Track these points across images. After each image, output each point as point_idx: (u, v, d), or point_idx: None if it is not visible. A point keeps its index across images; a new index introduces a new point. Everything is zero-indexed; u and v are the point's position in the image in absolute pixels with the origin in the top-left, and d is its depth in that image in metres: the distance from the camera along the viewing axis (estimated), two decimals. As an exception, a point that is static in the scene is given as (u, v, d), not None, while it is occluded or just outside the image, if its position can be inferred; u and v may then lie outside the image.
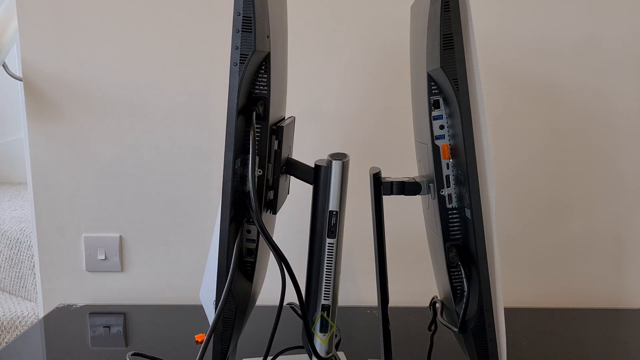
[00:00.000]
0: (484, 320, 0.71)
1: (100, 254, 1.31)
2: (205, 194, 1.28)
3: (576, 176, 1.29)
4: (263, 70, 0.74)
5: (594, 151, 1.28)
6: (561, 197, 1.29)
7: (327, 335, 0.87)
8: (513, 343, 0.75)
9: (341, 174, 0.82)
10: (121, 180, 1.29)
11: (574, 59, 1.25)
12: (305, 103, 1.25)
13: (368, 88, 1.26)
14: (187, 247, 1.32)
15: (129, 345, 1.10)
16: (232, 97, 0.69)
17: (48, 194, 1.30)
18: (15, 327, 1.70)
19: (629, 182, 1.29)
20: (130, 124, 1.27)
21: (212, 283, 0.75)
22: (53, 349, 1.11)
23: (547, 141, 1.27)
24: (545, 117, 1.27)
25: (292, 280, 0.76)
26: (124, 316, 1.26)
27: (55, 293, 1.33)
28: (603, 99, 1.26)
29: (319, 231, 0.84)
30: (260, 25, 0.69)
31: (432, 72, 0.73)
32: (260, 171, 0.76)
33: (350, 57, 1.25)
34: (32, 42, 1.24)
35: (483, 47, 1.21)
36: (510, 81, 1.25)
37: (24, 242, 1.88)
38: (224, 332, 0.75)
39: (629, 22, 1.24)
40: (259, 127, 0.75)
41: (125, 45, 1.25)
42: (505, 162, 1.27)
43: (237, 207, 0.73)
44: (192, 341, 1.07)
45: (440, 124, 0.74)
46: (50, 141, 1.28)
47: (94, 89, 1.26)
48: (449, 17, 0.67)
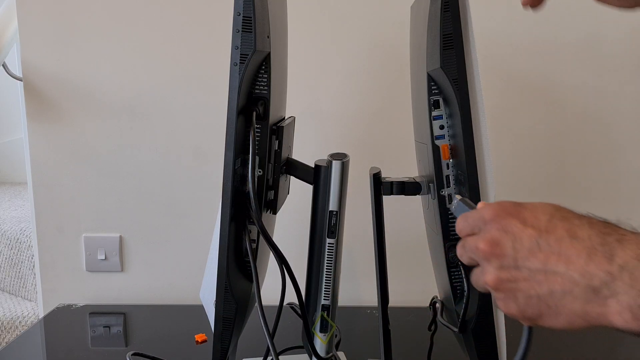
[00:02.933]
0: (484, 320, 0.71)
1: (100, 254, 1.31)
2: (205, 194, 1.28)
3: (576, 176, 1.29)
4: (263, 70, 0.74)
5: (593, 151, 1.28)
6: (561, 197, 1.29)
7: (327, 335, 0.87)
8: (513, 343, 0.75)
9: (341, 174, 0.82)
10: (121, 180, 1.29)
11: (573, 59, 1.25)
12: (305, 103, 1.25)
13: (368, 88, 1.26)
14: (187, 247, 1.32)
15: (129, 345, 1.10)
16: (232, 97, 0.69)
17: (48, 194, 1.30)
18: (15, 327, 1.70)
19: (628, 182, 1.29)
20: (130, 124, 1.27)
21: (212, 283, 0.75)
22: (53, 349, 1.11)
23: (546, 141, 1.27)
24: (545, 117, 1.27)
25: (292, 281, 0.76)
26: (124, 316, 1.26)
27: (55, 293, 1.33)
28: (603, 99, 1.26)
29: (319, 231, 0.84)
30: (260, 25, 0.69)
31: (432, 72, 0.73)
32: (260, 171, 0.76)
33: (350, 57, 1.25)
34: (32, 42, 1.24)
35: (483, 47, 1.21)
36: (510, 81, 1.25)
37: (24, 242, 1.88)
38: (224, 332, 0.75)
39: (629, 22, 1.24)
40: (259, 127, 0.75)
41: (126, 45, 1.25)
42: (505, 162, 1.27)
43: (237, 207, 0.73)
44: (192, 341, 1.07)
45: (440, 124, 0.74)
46: (50, 141, 1.28)
47: (94, 89, 1.26)
48: (449, 17, 0.67)
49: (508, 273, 0.45)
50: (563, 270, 0.43)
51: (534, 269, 0.44)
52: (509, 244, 0.45)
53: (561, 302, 0.43)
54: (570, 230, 0.44)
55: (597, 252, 0.42)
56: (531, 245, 0.44)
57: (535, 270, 0.44)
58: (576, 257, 0.43)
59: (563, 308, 0.43)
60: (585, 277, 0.42)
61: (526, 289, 0.45)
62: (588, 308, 0.42)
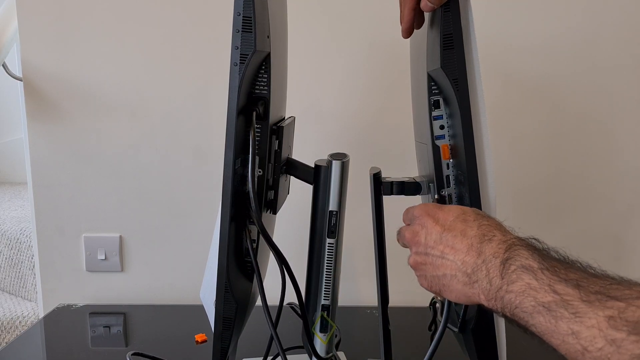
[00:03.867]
0: (484, 320, 0.71)
1: (100, 254, 1.31)
2: (205, 194, 1.28)
3: (576, 176, 1.29)
4: (263, 70, 0.74)
5: (593, 151, 1.28)
6: (561, 197, 1.29)
7: (327, 335, 0.87)
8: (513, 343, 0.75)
9: (341, 174, 0.82)
10: (121, 180, 1.29)
11: (573, 59, 1.25)
12: (305, 103, 1.25)
13: (368, 88, 1.26)
14: (187, 247, 1.32)
15: (129, 345, 1.10)
16: (232, 97, 0.69)
17: (48, 194, 1.30)
18: (15, 327, 1.70)
19: (628, 182, 1.29)
20: (130, 124, 1.27)
21: (212, 283, 0.75)
22: (53, 349, 1.11)
23: (547, 141, 1.27)
24: (545, 117, 1.27)
25: (292, 281, 0.76)
26: (124, 316, 1.26)
27: (55, 293, 1.33)
28: (603, 99, 1.26)
29: (319, 231, 0.84)
30: (260, 25, 0.69)
31: (432, 72, 0.73)
32: (260, 171, 0.75)
33: (350, 57, 1.25)
34: (32, 42, 1.24)
35: (483, 47, 1.21)
36: (510, 81, 1.25)
37: (24, 242, 1.88)
38: (224, 332, 0.75)
39: (629, 22, 1.24)
40: (259, 127, 0.75)
41: (126, 45, 1.25)
42: (505, 162, 1.27)
43: (237, 207, 0.73)
44: (192, 341, 1.07)
45: (440, 124, 0.74)
46: (50, 141, 1.28)
47: (94, 89, 1.26)
48: (449, 17, 0.67)
49: (420, 257, 0.60)
50: (452, 258, 0.56)
51: (436, 255, 0.58)
52: (423, 235, 0.60)
53: (450, 282, 0.57)
54: (463, 230, 0.57)
55: (474, 247, 0.55)
56: (436, 238, 0.59)
57: (436, 256, 0.58)
58: (461, 250, 0.56)
59: (452, 287, 0.57)
60: (464, 265, 0.55)
61: (431, 270, 0.59)
62: (466, 289, 0.55)
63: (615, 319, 0.40)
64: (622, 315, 0.40)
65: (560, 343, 0.43)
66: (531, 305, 0.46)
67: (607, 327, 0.40)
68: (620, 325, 0.39)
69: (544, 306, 0.45)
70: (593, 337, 0.40)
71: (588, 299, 0.42)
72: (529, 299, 0.46)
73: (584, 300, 0.42)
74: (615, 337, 0.39)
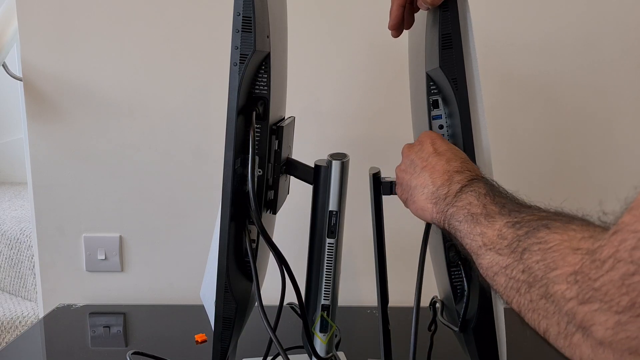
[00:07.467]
0: (485, 319, 0.71)
1: (100, 254, 1.31)
2: (205, 194, 1.28)
3: (576, 176, 1.29)
4: (263, 70, 0.74)
5: (593, 151, 1.28)
6: (560, 197, 1.29)
7: (327, 335, 0.87)
8: (513, 343, 0.75)
9: (341, 174, 0.82)
10: (121, 180, 1.29)
11: (573, 59, 1.25)
12: (305, 103, 1.25)
13: (368, 88, 1.26)
14: (187, 247, 1.32)
15: (129, 345, 1.10)
16: (232, 97, 0.69)
17: (48, 194, 1.30)
18: (15, 327, 1.70)
19: (628, 182, 1.29)
20: (130, 124, 1.27)
21: (212, 283, 0.75)
22: (53, 349, 1.11)
23: (546, 141, 1.27)
24: (545, 117, 1.27)
25: (292, 281, 0.76)
26: (124, 316, 1.26)
27: (55, 293, 1.33)
28: (603, 99, 1.26)
29: (319, 231, 0.84)
30: (260, 25, 0.69)
31: (431, 72, 0.73)
32: (260, 171, 0.76)
33: (349, 57, 1.25)
34: (32, 42, 1.24)
35: (482, 46, 1.21)
36: (509, 81, 1.25)
37: (24, 242, 1.88)
38: (224, 332, 0.75)
39: (628, 22, 1.24)
40: (259, 127, 0.75)
41: (126, 45, 1.25)
42: (504, 161, 1.27)
43: (237, 207, 0.73)
44: (192, 341, 1.07)
45: (440, 123, 0.74)
46: (50, 141, 1.28)
47: (94, 89, 1.26)
48: (447, 17, 0.67)
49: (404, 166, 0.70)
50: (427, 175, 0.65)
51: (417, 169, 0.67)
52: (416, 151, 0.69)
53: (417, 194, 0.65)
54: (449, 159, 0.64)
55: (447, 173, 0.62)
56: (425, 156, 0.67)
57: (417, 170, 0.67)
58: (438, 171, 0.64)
59: (416, 198, 0.65)
60: (433, 184, 0.63)
61: (407, 180, 0.68)
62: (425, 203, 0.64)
63: (512, 223, 0.48)
64: (520, 221, 0.48)
65: (470, 242, 0.53)
66: (463, 214, 0.56)
67: (503, 227, 0.49)
68: (512, 225, 0.48)
69: (472, 215, 0.54)
70: (492, 235, 0.50)
71: (504, 212, 0.51)
72: (463, 211, 0.56)
73: (502, 214, 0.51)
74: (504, 232, 0.48)
